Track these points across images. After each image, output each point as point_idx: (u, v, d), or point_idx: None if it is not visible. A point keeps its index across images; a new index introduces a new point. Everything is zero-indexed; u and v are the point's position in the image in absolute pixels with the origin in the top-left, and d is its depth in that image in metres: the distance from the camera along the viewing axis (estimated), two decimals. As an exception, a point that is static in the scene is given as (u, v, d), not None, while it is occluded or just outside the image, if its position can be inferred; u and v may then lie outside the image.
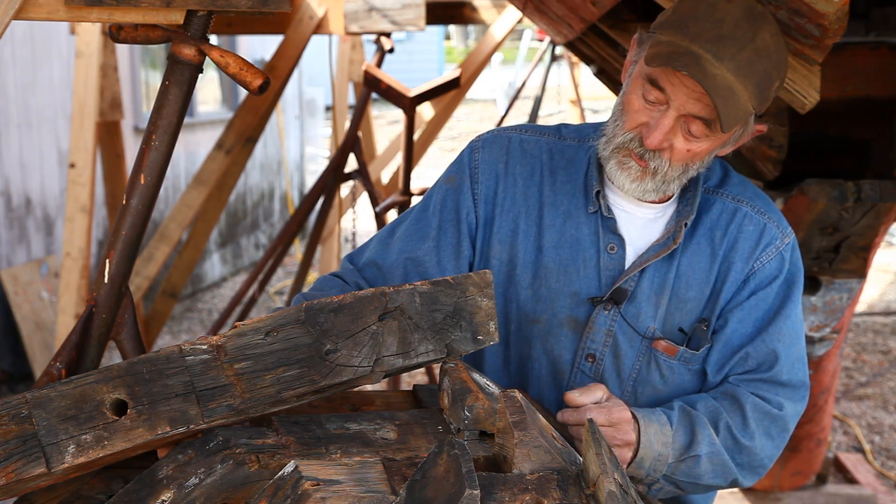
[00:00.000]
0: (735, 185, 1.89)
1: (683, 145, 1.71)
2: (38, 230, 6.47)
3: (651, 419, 1.73)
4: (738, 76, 1.64)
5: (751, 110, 1.69)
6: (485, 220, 1.90)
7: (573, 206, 1.86)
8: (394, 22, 4.85)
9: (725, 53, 1.63)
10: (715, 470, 1.77)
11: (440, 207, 1.92)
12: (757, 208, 1.87)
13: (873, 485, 4.50)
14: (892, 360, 6.67)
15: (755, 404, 1.79)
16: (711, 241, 1.84)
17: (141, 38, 1.82)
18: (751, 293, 1.83)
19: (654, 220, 1.86)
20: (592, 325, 1.84)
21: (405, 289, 1.50)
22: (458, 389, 1.50)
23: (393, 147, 7.20)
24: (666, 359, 1.83)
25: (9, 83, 6.11)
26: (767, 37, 1.67)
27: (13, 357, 6.11)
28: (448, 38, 28.31)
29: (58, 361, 1.90)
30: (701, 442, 1.74)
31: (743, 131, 1.77)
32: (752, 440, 1.79)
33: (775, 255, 1.84)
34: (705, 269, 1.83)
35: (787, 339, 1.83)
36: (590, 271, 1.84)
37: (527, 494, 1.23)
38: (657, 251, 1.82)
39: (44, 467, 1.29)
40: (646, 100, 1.71)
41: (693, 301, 1.83)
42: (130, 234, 1.91)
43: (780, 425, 1.83)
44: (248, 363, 1.38)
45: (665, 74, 1.67)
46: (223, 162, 5.20)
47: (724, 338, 1.83)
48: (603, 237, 1.84)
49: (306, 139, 12.39)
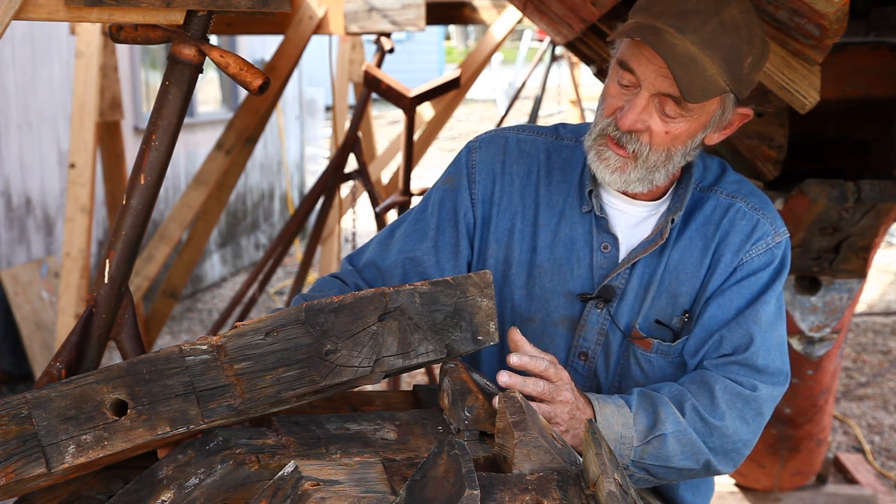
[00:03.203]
0: (731, 183, 1.90)
1: (661, 127, 1.72)
2: (38, 230, 6.47)
3: (606, 401, 1.71)
4: (703, 48, 1.65)
5: (722, 85, 1.69)
6: (482, 219, 1.91)
7: (568, 206, 1.88)
8: (394, 22, 4.85)
9: (688, 27, 1.65)
10: (684, 451, 1.74)
11: (438, 208, 1.93)
12: (752, 205, 1.87)
13: (873, 485, 4.50)
14: (892, 360, 6.67)
15: (725, 386, 1.77)
16: (704, 235, 1.85)
17: (141, 39, 1.82)
18: (735, 282, 1.83)
19: (647, 218, 1.87)
20: (585, 323, 1.86)
21: (405, 289, 1.50)
22: (458, 389, 1.50)
23: (393, 147, 7.19)
24: (643, 352, 1.85)
25: (9, 83, 6.11)
26: (736, 12, 1.68)
27: (13, 357, 6.10)
28: (448, 39, 28.31)
29: (58, 361, 1.90)
30: (665, 421, 1.71)
31: (723, 113, 1.77)
32: (722, 420, 1.76)
33: (765, 251, 1.85)
34: (696, 264, 1.84)
35: (763, 322, 1.82)
36: (583, 270, 1.86)
37: (527, 494, 1.23)
38: (645, 247, 1.83)
39: (44, 467, 1.29)
40: (620, 84, 1.74)
41: (685, 295, 1.85)
42: (130, 234, 1.91)
43: (753, 408, 1.79)
44: (248, 363, 1.38)
45: (634, 55, 1.70)
46: (223, 162, 5.19)
47: (703, 323, 1.83)
48: (597, 236, 1.86)
49: (306, 139, 12.39)
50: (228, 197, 5.74)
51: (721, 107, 1.75)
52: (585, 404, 1.69)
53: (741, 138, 2.72)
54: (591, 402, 1.70)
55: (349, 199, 5.73)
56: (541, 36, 16.20)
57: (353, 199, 5.72)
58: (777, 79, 2.05)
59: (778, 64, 2.04)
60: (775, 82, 2.05)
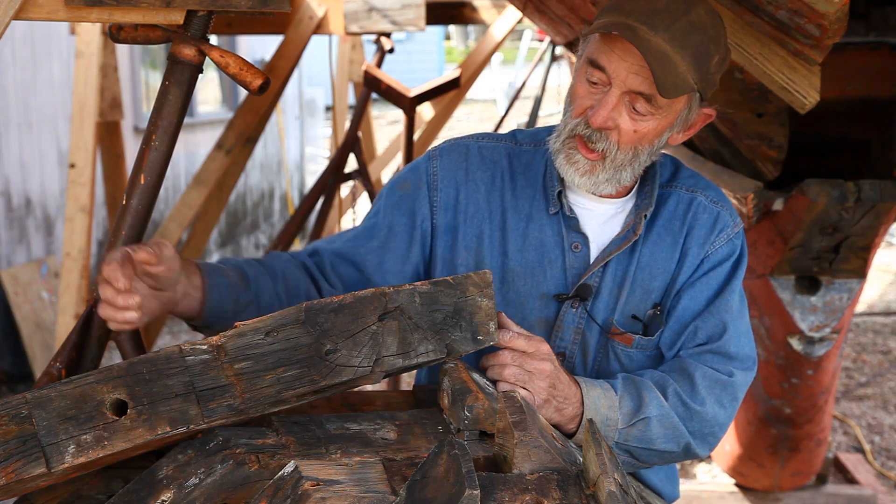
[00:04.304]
0: (687, 178, 1.95)
1: (630, 125, 1.74)
2: (38, 230, 6.47)
3: (592, 383, 1.75)
4: (674, 45, 1.68)
5: (691, 83, 1.71)
6: (446, 227, 1.91)
7: (535, 209, 1.89)
8: (394, 22, 4.85)
9: (659, 24, 1.67)
10: (667, 434, 1.79)
11: (393, 211, 1.92)
12: (710, 198, 1.92)
13: (873, 485, 4.49)
14: (892, 360, 6.67)
15: (704, 373, 1.83)
16: (671, 231, 1.89)
17: (141, 39, 1.82)
18: (703, 274, 1.89)
19: (615, 216, 1.89)
20: (561, 324, 1.88)
21: (405, 289, 1.50)
22: (458, 389, 1.50)
23: (393, 147, 7.19)
24: (623, 348, 1.88)
25: (9, 83, 6.11)
26: (703, 13, 1.71)
27: (13, 357, 6.10)
28: (448, 39, 28.31)
29: (58, 361, 1.90)
30: (649, 404, 1.76)
31: (689, 112, 1.80)
32: (702, 405, 1.82)
33: (727, 242, 1.91)
34: (667, 259, 1.89)
35: (734, 311, 1.88)
36: (556, 272, 1.87)
37: (527, 494, 1.23)
38: (618, 244, 1.86)
39: (44, 467, 1.30)
40: (590, 83, 1.75)
41: (658, 290, 1.89)
42: (130, 234, 1.91)
43: (730, 393, 1.86)
44: (248, 363, 1.39)
45: (605, 53, 1.72)
46: (223, 162, 5.19)
47: (676, 315, 1.88)
48: (567, 236, 1.87)
49: (306, 139, 12.40)
50: (228, 197, 5.73)
51: (688, 105, 1.79)
52: (571, 382, 1.72)
53: (741, 138, 2.72)
54: (577, 382, 1.73)
55: (349, 199, 5.73)
56: (541, 36, 16.20)
57: (353, 199, 5.72)
58: (777, 79, 2.05)
59: (778, 64, 2.04)
60: (775, 82, 2.05)
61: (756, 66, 2.05)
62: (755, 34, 2.03)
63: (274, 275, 1.80)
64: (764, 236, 2.93)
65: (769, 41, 2.03)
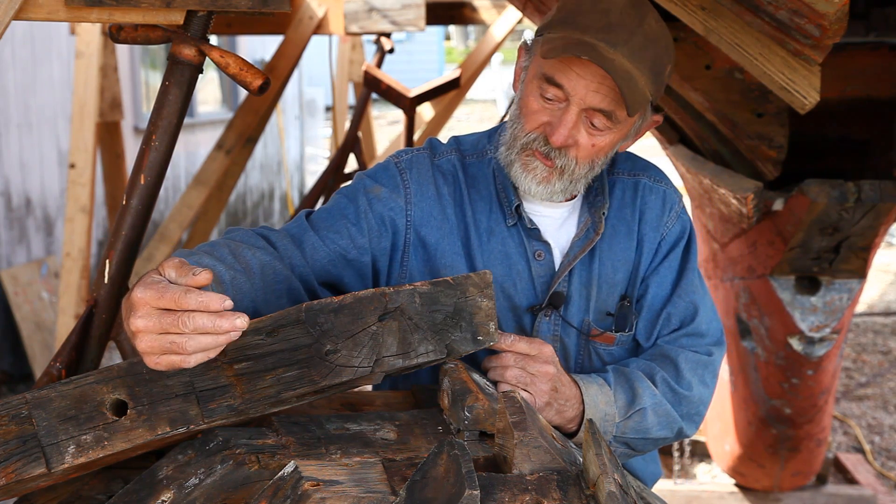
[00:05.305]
0: (625, 162, 1.94)
1: (588, 140, 1.73)
2: (38, 230, 6.47)
3: (589, 381, 1.76)
4: (633, 61, 1.66)
5: (648, 96, 1.71)
6: (423, 244, 1.84)
7: (493, 222, 1.86)
8: (394, 22, 4.85)
9: (617, 40, 1.65)
10: (661, 421, 1.81)
11: (365, 210, 1.81)
12: (653, 178, 1.92)
13: (873, 485, 4.49)
14: (892, 360, 6.67)
15: (686, 356, 1.86)
16: (624, 220, 1.89)
17: (141, 39, 1.82)
18: (663, 257, 1.90)
19: (569, 217, 1.88)
20: (537, 334, 1.86)
21: (405, 289, 1.50)
22: (458, 390, 1.50)
23: (393, 147, 7.19)
24: (605, 347, 1.88)
25: (9, 83, 6.11)
26: (653, 22, 1.70)
27: (13, 357, 6.10)
28: (448, 39, 28.32)
29: (58, 362, 1.90)
30: (643, 395, 1.78)
31: (642, 121, 1.81)
32: (689, 389, 1.84)
33: (677, 219, 1.91)
34: (626, 248, 1.88)
35: (698, 289, 1.91)
36: (525, 283, 1.86)
37: (527, 495, 1.23)
38: (581, 246, 1.84)
39: (44, 468, 1.30)
40: (544, 98, 1.72)
41: (622, 282, 1.89)
42: (130, 234, 1.91)
43: (711, 371, 1.89)
44: (248, 363, 1.39)
45: (562, 70, 1.68)
46: (223, 162, 5.19)
47: (647, 304, 1.89)
48: (528, 246, 1.85)
49: (306, 139, 12.40)
50: (228, 197, 5.74)
51: (642, 116, 1.79)
52: (571, 383, 1.73)
53: (741, 138, 2.72)
54: (576, 382, 1.74)
55: (349, 199, 5.72)
56: (541, 36, 16.17)
57: (353, 199, 5.71)
58: (777, 79, 2.05)
59: (778, 64, 2.04)
60: (775, 82, 2.05)
61: (756, 66, 2.05)
62: (755, 34, 2.03)
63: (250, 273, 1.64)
64: (764, 236, 2.93)
65: (769, 41, 2.03)
